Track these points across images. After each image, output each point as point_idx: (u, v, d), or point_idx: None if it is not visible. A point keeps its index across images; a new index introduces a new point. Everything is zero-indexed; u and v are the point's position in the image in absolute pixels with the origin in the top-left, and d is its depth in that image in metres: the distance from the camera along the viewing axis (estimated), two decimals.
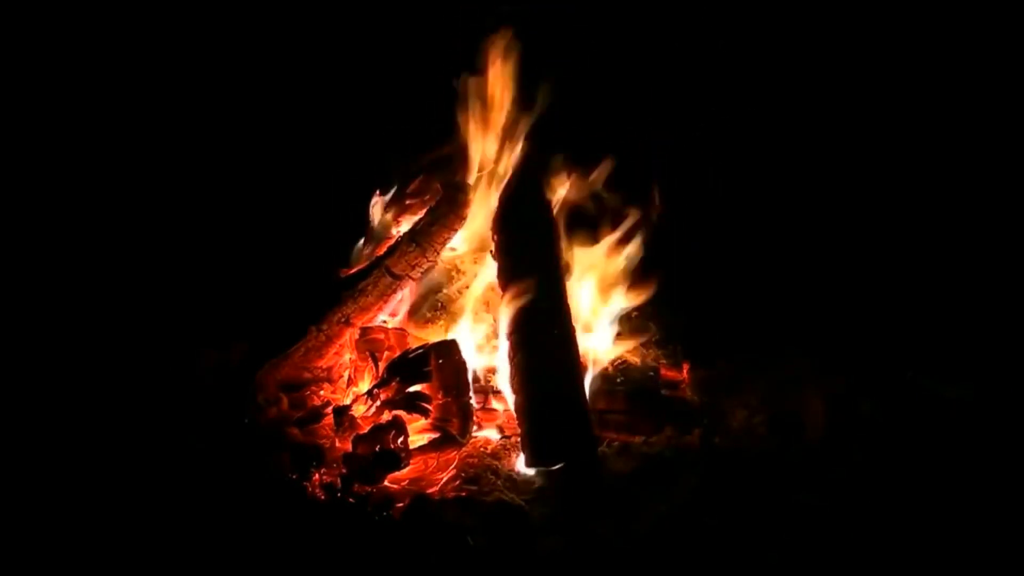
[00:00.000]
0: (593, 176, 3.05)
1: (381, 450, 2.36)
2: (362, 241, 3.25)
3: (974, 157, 3.96)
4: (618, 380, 2.83)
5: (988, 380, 2.83)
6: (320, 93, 4.32)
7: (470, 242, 3.15)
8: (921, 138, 4.02)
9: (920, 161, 3.99)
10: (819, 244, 3.76)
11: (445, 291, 3.05)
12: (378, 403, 2.54)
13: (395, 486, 2.38)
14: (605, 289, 2.96)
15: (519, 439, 2.55)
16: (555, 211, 3.05)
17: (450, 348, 2.63)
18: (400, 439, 2.41)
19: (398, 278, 2.89)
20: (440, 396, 2.54)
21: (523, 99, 3.03)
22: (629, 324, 3.01)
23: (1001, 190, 3.82)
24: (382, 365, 2.71)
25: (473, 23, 3.06)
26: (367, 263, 3.04)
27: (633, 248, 2.96)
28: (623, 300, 2.95)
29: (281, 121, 4.27)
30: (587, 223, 3.05)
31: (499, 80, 3.01)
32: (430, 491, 2.37)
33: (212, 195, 4.08)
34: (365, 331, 2.84)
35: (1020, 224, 3.68)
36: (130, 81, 4.27)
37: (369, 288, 2.87)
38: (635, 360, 2.99)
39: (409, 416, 2.50)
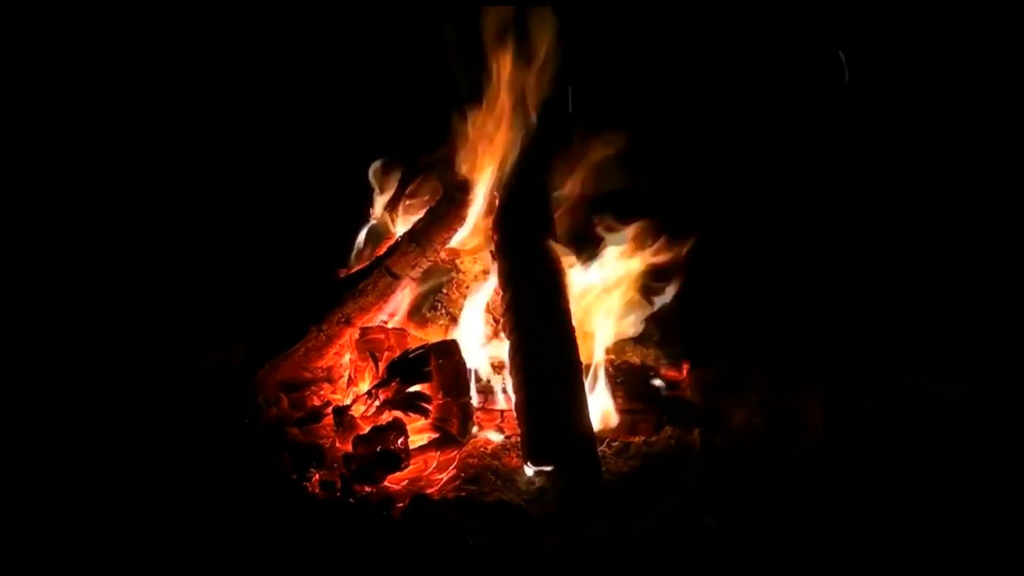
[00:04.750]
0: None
1: (381, 450, 2.36)
2: (362, 241, 3.25)
3: (972, 157, 3.96)
4: (618, 380, 2.83)
5: (988, 380, 2.83)
6: (320, 93, 4.32)
7: (470, 242, 3.15)
8: (919, 138, 4.02)
9: (918, 161, 3.99)
10: (819, 244, 3.76)
11: (445, 291, 3.05)
12: (378, 403, 2.54)
13: (395, 486, 2.38)
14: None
15: (519, 439, 2.55)
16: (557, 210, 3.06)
17: (450, 348, 2.63)
18: (400, 440, 2.41)
19: (398, 278, 2.89)
20: (440, 396, 2.54)
21: (525, 97, 3.03)
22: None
23: (1000, 189, 3.82)
24: (382, 365, 2.71)
25: (475, 20, 3.06)
26: (367, 263, 3.04)
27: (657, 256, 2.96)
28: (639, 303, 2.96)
29: (281, 122, 4.27)
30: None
31: (500, 77, 3.01)
32: (430, 491, 2.37)
33: (212, 196, 4.09)
34: (365, 331, 2.84)
35: (1018, 223, 3.68)
36: (129, 82, 4.27)
37: (369, 288, 2.87)
38: (635, 360, 2.99)
39: (409, 416, 2.50)
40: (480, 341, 2.90)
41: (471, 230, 3.11)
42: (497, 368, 2.84)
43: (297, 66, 4.32)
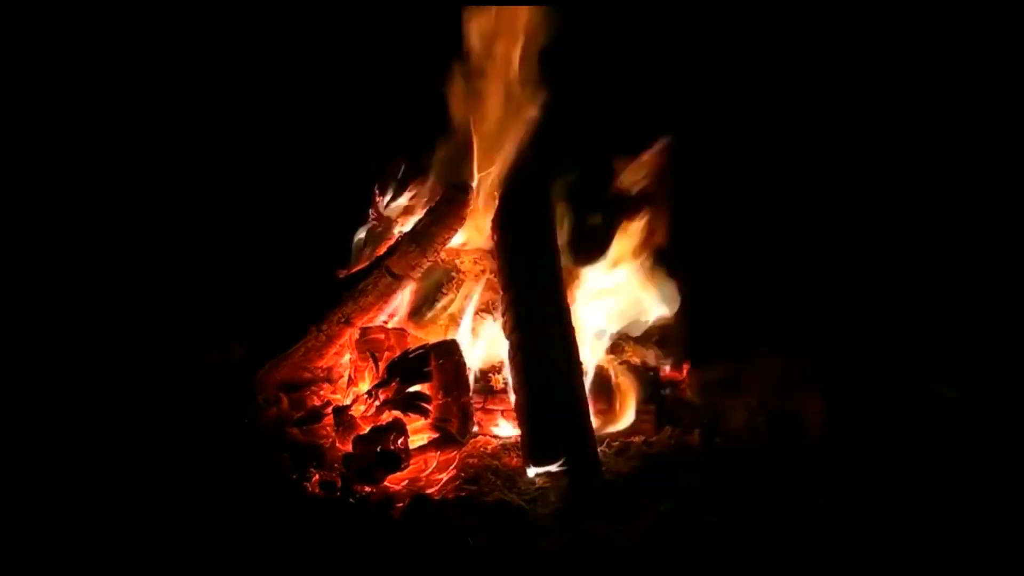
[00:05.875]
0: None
1: (381, 450, 2.36)
2: (362, 241, 3.25)
3: (972, 158, 3.96)
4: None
5: (987, 380, 2.83)
6: (320, 94, 4.32)
7: (470, 242, 3.15)
8: (918, 139, 4.02)
9: (918, 162, 3.99)
10: (819, 245, 3.76)
11: (445, 291, 3.05)
12: (378, 403, 2.54)
13: (395, 486, 2.38)
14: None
15: (519, 439, 2.55)
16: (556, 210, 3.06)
17: (450, 348, 2.63)
18: (400, 440, 2.41)
19: (398, 278, 2.89)
20: (440, 396, 2.54)
21: (524, 96, 3.02)
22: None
23: (999, 191, 3.82)
24: (382, 365, 2.71)
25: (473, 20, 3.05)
26: (367, 263, 3.04)
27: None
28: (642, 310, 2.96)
29: (281, 122, 4.27)
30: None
31: (499, 77, 3.01)
32: (430, 491, 2.37)
33: (213, 196, 4.09)
34: (365, 331, 2.84)
35: (1018, 225, 3.68)
36: (130, 82, 4.27)
37: (369, 288, 2.87)
38: (635, 360, 2.99)
39: (409, 416, 2.50)
40: (480, 341, 2.90)
41: (471, 230, 3.11)
42: (497, 368, 2.84)
43: (297, 67, 4.32)
